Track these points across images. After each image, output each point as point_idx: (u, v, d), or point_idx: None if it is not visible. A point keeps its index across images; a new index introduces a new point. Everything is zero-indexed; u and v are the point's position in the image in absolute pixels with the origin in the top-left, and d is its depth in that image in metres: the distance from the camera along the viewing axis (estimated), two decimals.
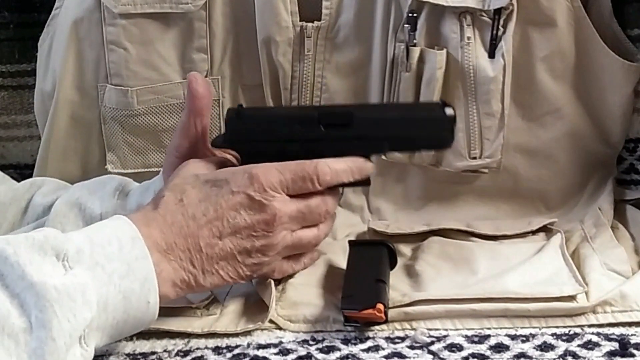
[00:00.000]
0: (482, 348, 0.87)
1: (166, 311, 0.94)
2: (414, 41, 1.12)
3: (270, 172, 0.93)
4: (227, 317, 0.95)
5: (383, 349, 0.88)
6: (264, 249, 0.93)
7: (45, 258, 0.76)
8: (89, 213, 1.00)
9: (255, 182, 0.91)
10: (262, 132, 0.99)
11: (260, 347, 0.89)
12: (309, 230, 0.99)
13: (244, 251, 0.92)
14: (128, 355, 0.88)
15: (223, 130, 1.16)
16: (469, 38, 1.10)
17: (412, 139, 1.02)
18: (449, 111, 1.01)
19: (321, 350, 0.88)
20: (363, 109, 1.06)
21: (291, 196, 0.95)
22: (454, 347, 0.87)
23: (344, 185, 0.99)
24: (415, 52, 1.12)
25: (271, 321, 0.94)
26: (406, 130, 1.02)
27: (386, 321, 0.91)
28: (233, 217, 0.91)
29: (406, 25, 1.11)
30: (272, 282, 0.98)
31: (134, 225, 0.85)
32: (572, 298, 0.94)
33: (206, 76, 1.16)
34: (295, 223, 0.96)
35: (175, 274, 0.87)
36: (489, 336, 0.89)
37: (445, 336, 0.90)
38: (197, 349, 0.90)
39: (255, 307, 0.97)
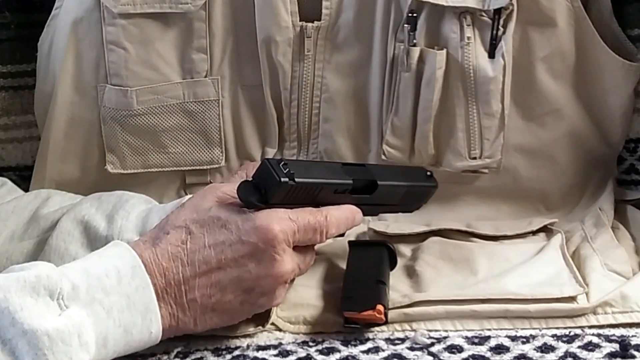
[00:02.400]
0: (483, 349, 0.87)
1: None
2: (414, 41, 1.11)
3: (284, 222, 0.88)
4: None
5: (383, 350, 0.88)
6: (263, 303, 0.90)
7: (39, 299, 0.74)
8: (93, 232, 0.97)
9: (269, 234, 0.86)
10: (301, 196, 0.92)
11: (259, 348, 0.89)
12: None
13: (244, 302, 0.88)
14: (127, 356, 0.87)
15: (223, 133, 1.16)
16: (469, 38, 1.10)
17: (404, 204, 1.08)
18: (435, 182, 1.08)
19: (321, 352, 0.88)
20: (381, 174, 1.03)
21: (294, 248, 0.91)
22: (454, 349, 0.87)
23: None
24: (415, 52, 1.12)
25: (271, 322, 0.94)
26: (407, 199, 1.06)
27: (386, 322, 0.91)
28: (237, 269, 0.86)
29: (406, 25, 1.11)
30: None
31: (135, 252, 0.83)
32: (572, 299, 0.94)
33: (206, 76, 1.15)
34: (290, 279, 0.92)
35: (163, 321, 0.83)
36: (489, 337, 0.89)
37: (445, 337, 0.90)
38: (197, 350, 0.89)
39: None
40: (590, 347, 0.86)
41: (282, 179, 0.89)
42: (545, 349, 0.86)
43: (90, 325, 0.76)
